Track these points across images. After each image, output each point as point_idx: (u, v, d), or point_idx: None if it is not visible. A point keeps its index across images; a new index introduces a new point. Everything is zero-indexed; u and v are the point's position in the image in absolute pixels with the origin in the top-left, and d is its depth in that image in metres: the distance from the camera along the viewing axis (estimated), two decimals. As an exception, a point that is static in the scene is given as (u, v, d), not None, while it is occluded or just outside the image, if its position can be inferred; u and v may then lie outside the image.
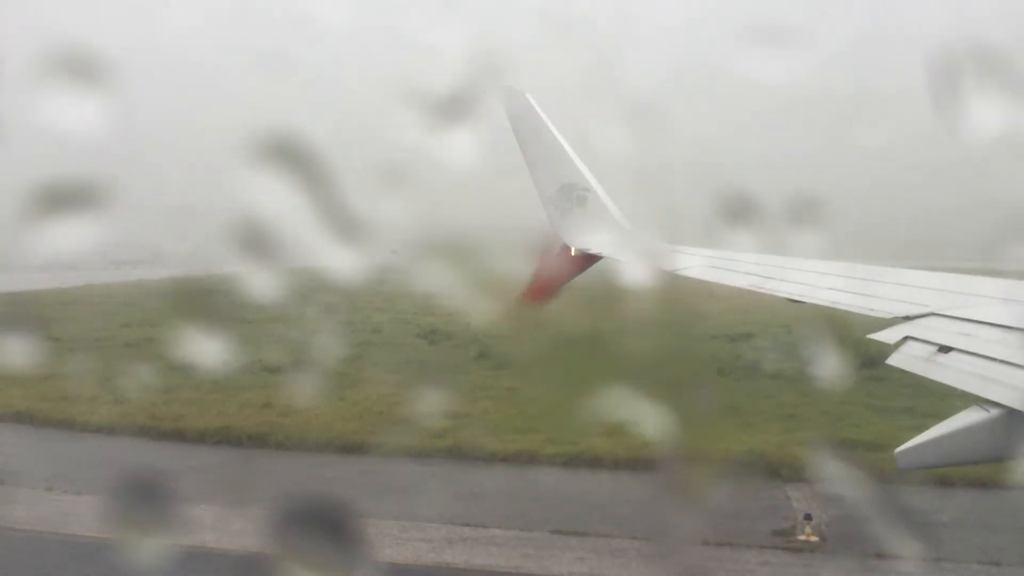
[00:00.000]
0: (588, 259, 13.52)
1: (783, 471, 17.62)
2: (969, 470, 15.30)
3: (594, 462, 18.36)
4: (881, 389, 22.91)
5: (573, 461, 18.50)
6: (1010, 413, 4.28)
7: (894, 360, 5.45)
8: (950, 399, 5.14)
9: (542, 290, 13.80)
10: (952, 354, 5.09)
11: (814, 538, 14.43)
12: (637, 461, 17.94)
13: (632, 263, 12.49)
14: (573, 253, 13.40)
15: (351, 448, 19.82)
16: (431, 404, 23.76)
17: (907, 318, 5.97)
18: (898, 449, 4.67)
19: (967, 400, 4.65)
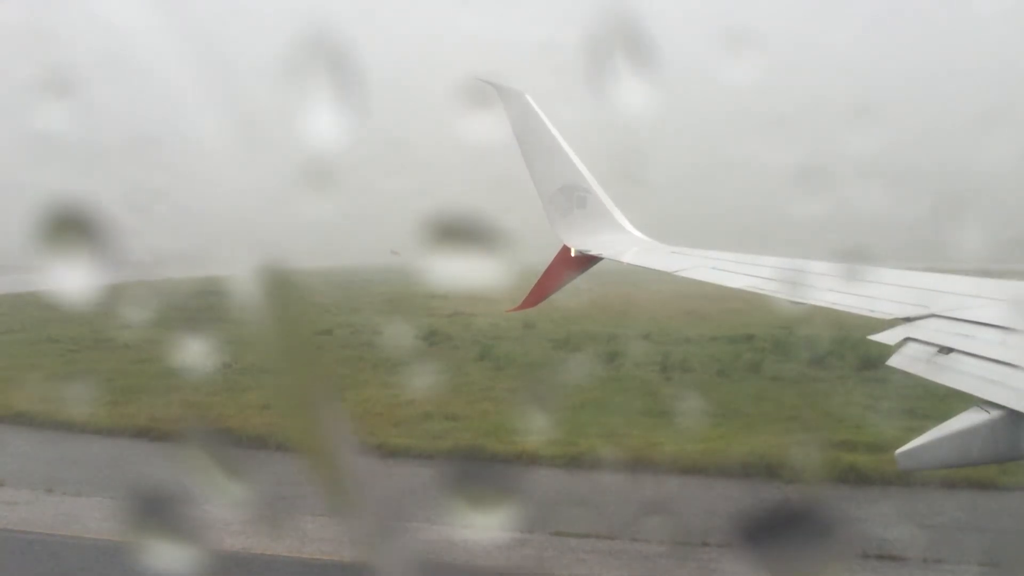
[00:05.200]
0: (588, 260, 13.48)
1: (783, 472, 17.60)
2: (970, 471, 15.29)
3: (595, 463, 18.36)
4: (881, 390, 22.91)
5: (574, 462, 18.51)
6: (1010, 414, 4.28)
7: (894, 361, 5.43)
8: (950, 400, 5.13)
9: (539, 291, 13.77)
10: (952, 355, 5.08)
11: (814, 539, 14.40)
12: (641, 462, 17.93)
13: (632, 264, 12.46)
14: (573, 254, 13.36)
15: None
16: (430, 405, 23.80)
17: (908, 319, 5.96)
18: (898, 450, 4.65)
19: (968, 401, 4.64)
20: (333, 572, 13.55)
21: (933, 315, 5.84)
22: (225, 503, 15.52)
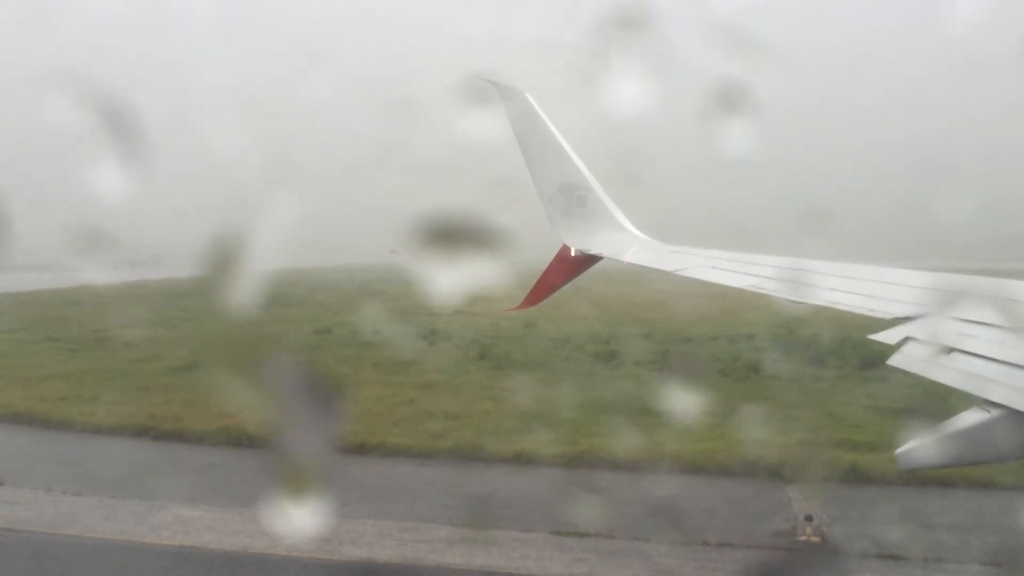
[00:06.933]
0: (588, 259, 13.45)
1: (784, 472, 17.60)
2: (970, 471, 15.30)
3: (595, 463, 18.35)
4: (882, 390, 22.91)
5: (574, 461, 18.49)
6: (1011, 414, 4.27)
7: (895, 361, 5.42)
8: (951, 399, 5.12)
9: (539, 291, 13.75)
10: (953, 354, 5.07)
11: (815, 539, 14.41)
12: (641, 461, 17.91)
13: (632, 263, 12.44)
14: (573, 253, 13.32)
15: (351, 449, 19.78)
16: (430, 405, 23.80)
17: (908, 319, 5.95)
18: (898, 450, 4.64)
19: (968, 400, 4.64)
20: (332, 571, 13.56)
21: (933, 314, 5.83)
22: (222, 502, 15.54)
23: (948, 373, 4.94)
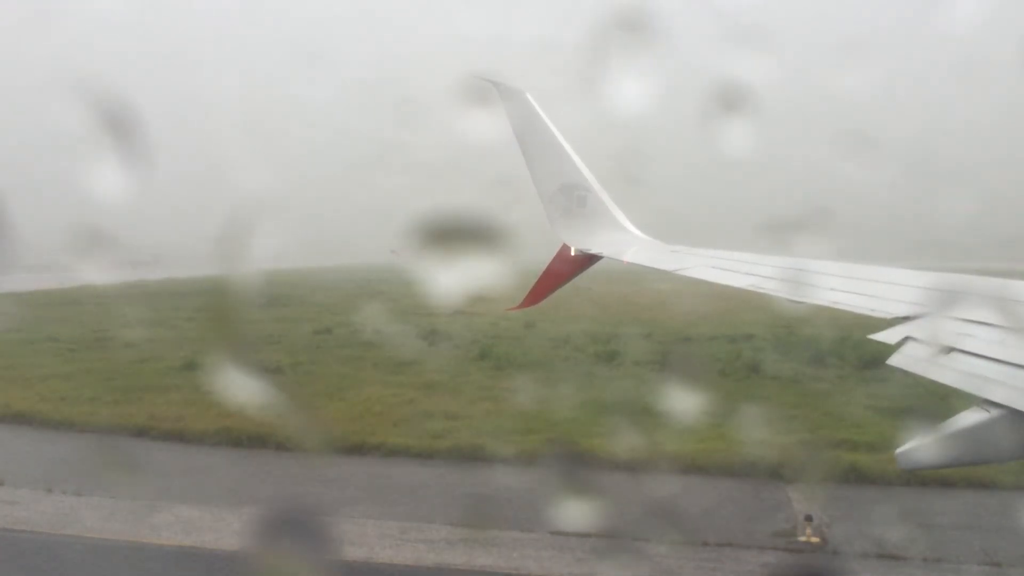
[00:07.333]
0: (588, 259, 13.46)
1: (784, 472, 17.60)
2: (969, 471, 15.30)
3: (596, 463, 18.34)
4: (882, 390, 22.90)
5: (574, 461, 18.46)
6: (1011, 414, 4.27)
7: (894, 360, 5.42)
8: (951, 399, 5.13)
9: (539, 291, 13.76)
10: (953, 354, 5.07)
11: (815, 539, 14.41)
12: (641, 461, 17.91)
13: (632, 263, 12.45)
14: (573, 253, 13.33)
15: (351, 449, 19.80)
16: (430, 405, 23.80)
17: (908, 318, 5.94)
18: (898, 450, 4.65)
19: (968, 400, 4.64)
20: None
21: (933, 314, 5.83)
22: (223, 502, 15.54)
23: (948, 373, 4.93)
